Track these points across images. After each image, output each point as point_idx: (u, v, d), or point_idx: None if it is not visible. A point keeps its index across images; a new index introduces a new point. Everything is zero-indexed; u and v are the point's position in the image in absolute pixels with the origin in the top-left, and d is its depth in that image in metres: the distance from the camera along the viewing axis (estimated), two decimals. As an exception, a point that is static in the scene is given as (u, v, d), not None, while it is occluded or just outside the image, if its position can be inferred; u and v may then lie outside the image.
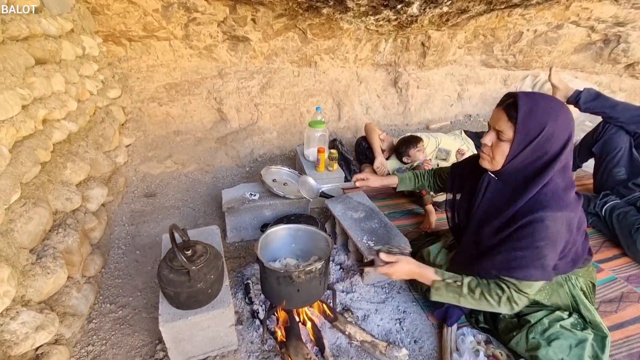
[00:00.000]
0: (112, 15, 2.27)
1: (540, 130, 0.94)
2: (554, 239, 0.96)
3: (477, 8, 2.82)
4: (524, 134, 0.96)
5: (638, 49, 3.66)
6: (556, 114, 0.95)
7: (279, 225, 1.36)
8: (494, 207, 1.08)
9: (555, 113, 0.95)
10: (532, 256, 0.97)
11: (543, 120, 0.94)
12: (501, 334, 1.21)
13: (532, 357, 1.09)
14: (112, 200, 1.92)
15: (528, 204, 0.98)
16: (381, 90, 3.46)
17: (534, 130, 0.95)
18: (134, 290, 1.47)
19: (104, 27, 2.31)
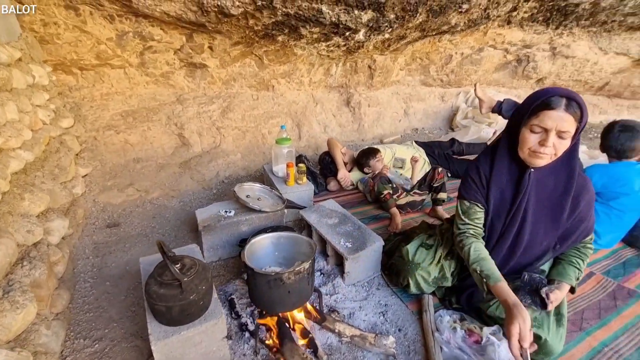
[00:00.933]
0: (62, 44, 2.21)
1: (586, 122, 1.08)
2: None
3: (413, 35, 3.20)
4: (585, 121, 1.07)
5: (544, 66, 4.36)
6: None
7: (261, 235, 1.40)
8: (545, 198, 1.20)
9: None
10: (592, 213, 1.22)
11: (587, 114, 1.08)
12: (481, 305, 1.35)
13: None
14: (72, 233, 1.80)
15: (581, 186, 1.18)
16: (336, 110, 3.69)
17: (586, 118, 1.07)
18: (108, 322, 1.39)
19: (53, 56, 2.23)
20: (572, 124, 1.05)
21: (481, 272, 1.14)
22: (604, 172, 1.78)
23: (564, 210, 1.19)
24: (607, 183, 1.75)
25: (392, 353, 1.26)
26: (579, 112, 1.04)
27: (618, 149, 1.73)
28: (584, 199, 1.19)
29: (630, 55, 4.39)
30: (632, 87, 5.24)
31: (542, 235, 1.23)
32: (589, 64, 4.48)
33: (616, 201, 1.73)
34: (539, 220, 1.22)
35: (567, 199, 1.18)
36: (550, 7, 3.40)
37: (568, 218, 1.21)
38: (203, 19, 2.33)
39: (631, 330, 1.35)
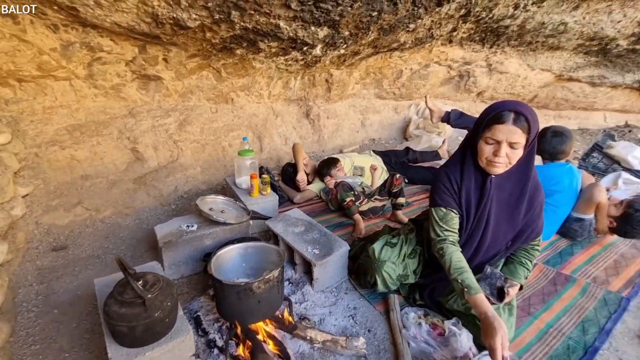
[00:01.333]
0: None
1: (536, 132, 1.20)
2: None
3: (366, 51, 3.38)
4: (534, 133, 1.19)
5: (482, 81, 4.81)
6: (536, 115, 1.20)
7: (227, 246, 1.38)
8: (504, 201, 1.31)
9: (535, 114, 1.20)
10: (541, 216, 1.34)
11: (537, 125, 1.19)
12: (441, 299, 1.43)
13: (466, 309, 1.33)
14: (11, 259, 1.63)
15: (534, 187, 1.30)
16: (296, 122, 3.74)
17: (535, 130, 1.19)
18: (59, 353, 1.26)
19: (-15, 67, 2.04)
20: (521, 135, 1.16)
21: (462, 283, 1.19)
22: (539, 172, 2.00)
23: (520, 212, 1.32)
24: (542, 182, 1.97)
25: (363, 354, 1.29)
26: (526, 125, 1.15)
27: (551, 151, 1.96)
28: (537, 200, 1.32)
29: (553, 71, 5.00)
30: (556, 99, 5.95)
31: (502, 235, 1.34)
32: (519, 78, 5.03)
33: (551, 198, 1.95)
34: (500, 221, 1.33)
35: (523, 201, 1.31)
36: (484, 29, 3.79)
37: (523, 218, 1.33)
38: (157, 30, 2.27)
39: (571, 310, 1.51)
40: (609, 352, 1.32)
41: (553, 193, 1.94)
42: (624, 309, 1.52)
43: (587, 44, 4.29)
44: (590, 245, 2.09)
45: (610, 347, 1.34)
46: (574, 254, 1.98)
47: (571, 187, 1.97)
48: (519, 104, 1.18)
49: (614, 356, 1.30)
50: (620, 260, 1.94)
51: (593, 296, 1.60)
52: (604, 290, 1.64)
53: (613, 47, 4.37)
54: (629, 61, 4.85)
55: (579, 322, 1.44)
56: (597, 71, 5.21)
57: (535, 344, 1.33)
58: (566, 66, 4.94)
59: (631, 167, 2.73)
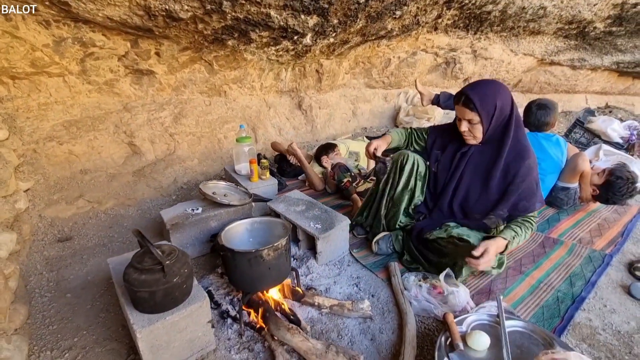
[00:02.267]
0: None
1: (494, 107, 1.34)
2: (537, 176, 1.43)
3: (355, 39, 3.45)
4: (486, 115, 1.35)
5: (468, 67, 4.93)
6: (498, 91, 1.36)
7: (235, 222, 1.44)
8: (480, 166, 1.45)
9: (498, 90, 1.36)
10: (535, 193, 1.40)
11: (493, 100, 1.34)
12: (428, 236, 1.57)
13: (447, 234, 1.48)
14: (19, 250, 1.65)
15: (513, 157, 1.38)
16: (289, 113, 3.80)
17: (491, 109, 1.34)
18: (76, 332, 1.31)
19: (-22, 64, 2.04)
20: (471, 114, 1.36)
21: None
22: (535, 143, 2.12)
23: (494, 178, 1.44)
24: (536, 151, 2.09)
25: (368, 315, 1.37)
26: (472, 104, 1.34)
27: (536, 123, 2.08)
28: (518, 170, 1.40)
29: (535, 56, 5.15)
30: (539, 82, 6.13)
31: (476, 195, 1.50)
32: (504, 64, 5.17)
33: (538, 167, 2.06)
34: (474, 183, 1.50)
35: (497, 169, 1.43)
36: (468, 15, 3.89)
37: (500, 185, 1.44)
38: (150, 23, 2.30)
39: (559, 268, 1.62)
40: (594, 301, 1.42)
41: (540, 162, 2.05)
42: (608, 264, 1.63)
43: (566, 28, 4.44)
44: (576, 212, 2.21)
45: (595, 296, 1.45)
46: (560, 220, 2.10)
47: (557, 158, 2.08)
48: (472, 87, 1.37)
49: (599, 303, 1.41)
50: (603, 223, 2.06)
51: (579, 255, 1.71)
52: (589, 249, 1.76)
53: (591, 30, 4.52)
54: (606, 43, 5.02)
55: (566, 277, 1.54)
56: (577, 54, 5.38)
57: (528, 297, 1.43)
58: (547, 50, 5.10)
59: (610, 139, 2.87)
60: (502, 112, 1.36)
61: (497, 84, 1.39)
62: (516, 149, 1.42)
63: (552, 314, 1.33)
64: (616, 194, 2.10)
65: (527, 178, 1.42)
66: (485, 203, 1.48)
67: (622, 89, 7.16)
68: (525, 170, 1.41)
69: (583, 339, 1.24)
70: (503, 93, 1.36)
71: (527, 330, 1.13)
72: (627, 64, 5.81)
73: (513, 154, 1.42)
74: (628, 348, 1.21)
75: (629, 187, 2.07)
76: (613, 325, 1.30)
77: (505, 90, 1.39)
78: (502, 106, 1.36)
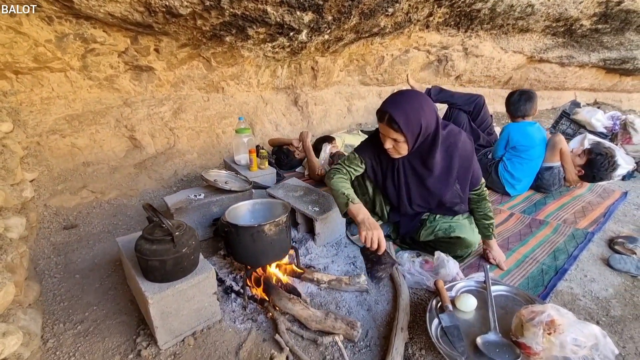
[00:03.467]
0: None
1: (420, 127, 1.31)
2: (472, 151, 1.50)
3: (349, 36, 3.55)
4: (412, 135, 1.32)
5: (460, 65, 5.06)
6: (423, 109, 1.31)
7: (238, 202, 1.52)
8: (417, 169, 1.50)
9: (422, 108, 1.30)
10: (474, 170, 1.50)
11: (418, 120, 1.29)
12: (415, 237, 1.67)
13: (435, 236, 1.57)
14: (27, 235, 1.71)
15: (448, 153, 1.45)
16: (285, 110, 3.88)
17: (417, 129, 1.31)
18: (87, 307, 1.37)
19: (-17, 59, 2.10)
20: (395, 134, 1.30)
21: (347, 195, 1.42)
22: (517, 129, 2.23)
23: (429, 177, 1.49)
24: (519, 139, 2.18)
25: (365, 289, 1.45)
26: (396, 125, 1.27)
27: (521, 109, 2.20)
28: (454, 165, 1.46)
29: (525, 53, 5.30)
30: (529, 80, 6.28)
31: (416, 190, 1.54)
32: (494, 61, 5.30)
33: (526, 153, 2.17)
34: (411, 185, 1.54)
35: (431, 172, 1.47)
36: (458, 13, 4.01)
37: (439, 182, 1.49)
38: (150, 19, 2.37)
39: (543, 245, 1.72)
40: (575, 272, 1.52)
41: (528, 148, 2.16)
42: (589, 240, 1.73)
43: (553, 25, 4.58)
44: (562, 196, 2.32)
45: (577, 268, 1.54)
46: (546, 204, 2.20)
47: (542, 142, 2.19)
48: (396, 105, 1.29)
49: (580, 274, 1.50)
50: (587, 206, 2.17)
51: (563, 233, 1.81)
52: (572, 228, 1.86)
53: (577, 28, 4.67)
54: (593, 41, 5.18)
55: (550, 252, 1.64)
56: (565, 51, 5.53)
57: (514, 270, 1.52)
58: (536, 47, 5.24)
59: (594, 129, 3.00)
60: (427, 130, 1.34)
61: (421, 100, 1.33)
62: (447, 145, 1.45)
63: (536, 284, 1.42)
64: (600, 169, 2.22)
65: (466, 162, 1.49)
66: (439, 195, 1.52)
67: (610, 86, 7.35)
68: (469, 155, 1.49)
69: (564, 304, 1.33)
70: (427, 110, 1.32)
71: (510, 294, 1.22)
72: (613, 61, 5.98)
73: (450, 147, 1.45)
74: (605, 311, 1.30)
75: (609, 161, 2.20)
76: (592, 292, 1.39)
77: (429, 106, 1.34)
78: (427, 125, 1.32)
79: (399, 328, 1.18)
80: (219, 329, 1.25)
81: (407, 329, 1.20)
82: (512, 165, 2.22)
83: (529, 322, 0.98)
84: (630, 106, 7.68)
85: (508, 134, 2.23)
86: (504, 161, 2.28)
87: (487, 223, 1.55)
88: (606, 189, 2.45)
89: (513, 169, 2.22)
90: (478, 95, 2.81)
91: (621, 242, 1.68)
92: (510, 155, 2.25)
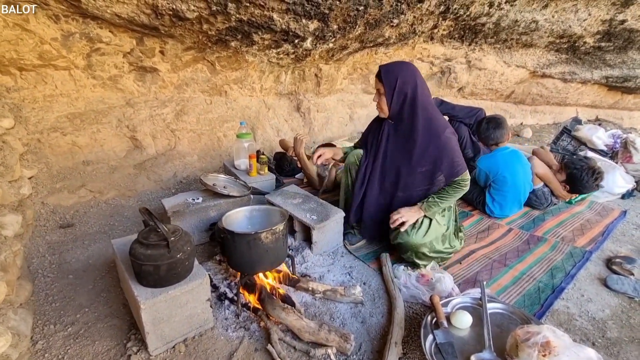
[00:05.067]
0: (0, 42, 2.10)
1: (395, 80, 1.52)
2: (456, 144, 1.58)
3: (353, 45, 3.57)
4: (388, 86, 1.54)
5: (463, 77, 5.08)
6: (402, 69, 1.55)
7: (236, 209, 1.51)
8: (400, 144, 1.62)
9: (402, 69, 1.55)
10: (457, 158, 1.56)
11: (395, 75, 1.53)
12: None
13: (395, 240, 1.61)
14: (22, 233, 1.70)
15: (429, 138, 1.54)
16: (287, 115, 3.89)
17: (393, 82, 1.53)
18: (79, 309, 1.36)
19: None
20: (379, 84, 1.58)
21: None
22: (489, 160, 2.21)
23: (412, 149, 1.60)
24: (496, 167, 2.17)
25: (360, 300, 1.44)
26: (379, 76, 1.57)
27: (492, 137, 2.21)
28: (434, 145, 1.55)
29: (528, 68, 5.33)
30: (531, 94, 6.30)
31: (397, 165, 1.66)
32: (497, 74, 5.33)
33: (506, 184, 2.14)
34: (394, 157, 1.67)
35: (413, 143, 1.58)
36: (463, 26, 4.05)
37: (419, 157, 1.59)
38: (156, 22, 2.39)
39: (541, 262, 1.70)
40: (572, 291, 1.51)
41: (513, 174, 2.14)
42: (587, 259, 1.72)
43: (557, 42, 4.61)
44: (560, 213, 2.31)
45: (574, 287, 1.53)
46: (545, 220, 2.19)
47: (521, 164, 2.18)
48: (387, 64, 1.60)
49: (577, 294, 1.49)
50: (586, 224, 2.16)
51: (561, 251, 1.80)
52: (570, 246, 1.85)
53: (581, 45, 4.70)
54: (595, 58, 5.21)
55: (548, 269, 1.63)
56: (567, 68, 5.57)
57: (511, 287, 1.50)
58: (539, 63, 5.27)
59: (595, 146, 3.00)
60: (402, 88, 1.53)
61: (405, 65, 1.58)
62: (430, 130, 1.57)
63: (532, 302, 1.41)
64: (581, 182, 2.22)
65: (445, 151, 1.56)
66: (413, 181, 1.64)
67: (612, 103, 7.38)
68: (442, 144, 1.56)
69: (560, 323, 1.32)
70: (406, 71, 1.55)
71: (507, 312, 1.21)
72: (615, 79, 6.01)
73: (428, 135, 1.57)
74: (601, 332, 1.28)
75: (588, 172, 2.19)
76: (589, 313, 1.38)
77: (409, 71, 1.55)
78: (403, 82, 1.53)
79: (392, 342, 1.17)
80: (211, 337, 1.23)
81: (401, 344, 1.19)
82: (497, 194, 2.20)
83: (524, 342, 0.96)
84: (632, 124, 7.71)
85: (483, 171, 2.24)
86: (490, 194, 2.25)
87: (434, 197, 1.58)
88: (605, 207, 2.44)
89: (500, 199, 2.20)
90: (479, 109, 2.81)
91: (619, 262, 1.67)
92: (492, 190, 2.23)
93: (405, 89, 1.53)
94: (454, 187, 1.59)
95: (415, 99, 1.53)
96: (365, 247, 1.83)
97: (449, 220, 1.69)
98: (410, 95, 1.53)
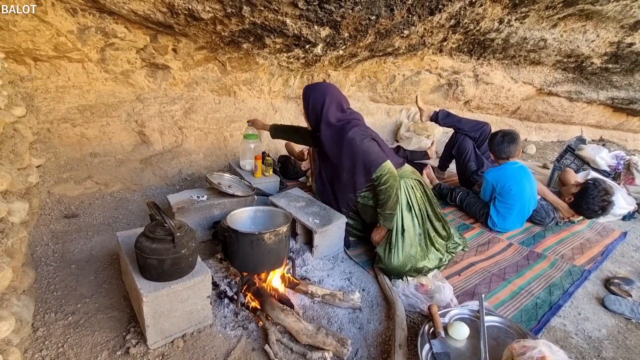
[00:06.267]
0: (18, 32, 2.14)
1: (307, 101, 1.80)
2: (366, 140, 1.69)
3: (363, 54, 3.61)
4: (305, 106, 1.81)
5: (469, 90, 5.12)
6: (314, 92, 1.78)
7: (240, 208, 1.53)
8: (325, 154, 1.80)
9: (315, 90, 1.78)
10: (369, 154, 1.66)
11: (307, 97, 1.80)
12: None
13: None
14: (27, 220, 1.72)
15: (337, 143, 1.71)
16: (294, 119, 3.92)
17: (306, 102, 1.80)
18: (80, 299, 1.37)
19: (6, 44, 2.14)
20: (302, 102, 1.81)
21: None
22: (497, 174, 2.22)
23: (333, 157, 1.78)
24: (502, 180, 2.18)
25: (358, 306, 1.45)
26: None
27: (505, 151, 2.22)
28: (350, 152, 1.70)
29: (534, 85, 5.36)
30: (537, 111, 6.33)
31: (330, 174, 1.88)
32: (504, 90, 5.36)
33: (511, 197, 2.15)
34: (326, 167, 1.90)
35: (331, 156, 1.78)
36: (472, 40, 4.09)
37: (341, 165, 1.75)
38: (172, 20, 2.43)
39: (540, 278, 1.71)
40: (570, 309, 1.51)
41: (521, 188, 2.16)
42: (586, 278, 1.73)
43: (565, 61, 4.65)
44: (561, 231, 2.32)
45: (571, 305, 1.54)
46: (545, 237, 2.20)
47: (528, 180, 2.20)
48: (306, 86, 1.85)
49: (574, 312, 1.50)
50: (586, 243, 2.17)
51: (560, 269, 1.81)
52: (569, 265, 1.85)
53: (588, 65, 4.74)
54: (602, 79, 5.25)
55: (546, 286, 1.64)
56: (574, 87, 5.60)
57: (509, 301, 1.51)
58: (546, 81, 5.31)
59: (598, 166, 3.01)
60: (314, 107, 1.76)
61: (320, 86, 1.82)
62: (336, 137, 1.73)
63: (529, 317, 1.41)
64: (589, 199, 2.23)
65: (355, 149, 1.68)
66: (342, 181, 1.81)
67: (617, 124, 7.40)
68: (348, 145, 1.69)
69: (556, 341, 1.32)
70: (317, 94, 1.76)
71: (504, 326, 1.22)
72: (621, 100, 6.04)
73: (337, 139, 1.73)
74: (597, 352, 1.29)
75: (601, 192, 2.21)
76: (585, 331, 1.39)
77: (319, 92, 1.77)
78: (314, 103, 1.75)
79: (397, 345, 1.17)
80: (209, 334, 1.25)
81: (406, 345, 1.19)
82: (502, 207, 2.21)
83: (520, 356, 0.97)
84: (636, 146, 7.72)
85: (490, 183, 2.24)
86: (495, 207, 2.26)
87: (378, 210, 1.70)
88: (606, 227, 2.45)
89: (505, 212, 2.22)
90: (485, 123, 2.84)
91: (617, 283, 1.68)
92: (498, 202, 2.24)
93: (316, 107, 1.75)
94: (379, 188, 1.67)
95: (321, 114, 1.74)
96: (366, 254, 1.84)
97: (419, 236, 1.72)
98: (318, 114, 1.75)
